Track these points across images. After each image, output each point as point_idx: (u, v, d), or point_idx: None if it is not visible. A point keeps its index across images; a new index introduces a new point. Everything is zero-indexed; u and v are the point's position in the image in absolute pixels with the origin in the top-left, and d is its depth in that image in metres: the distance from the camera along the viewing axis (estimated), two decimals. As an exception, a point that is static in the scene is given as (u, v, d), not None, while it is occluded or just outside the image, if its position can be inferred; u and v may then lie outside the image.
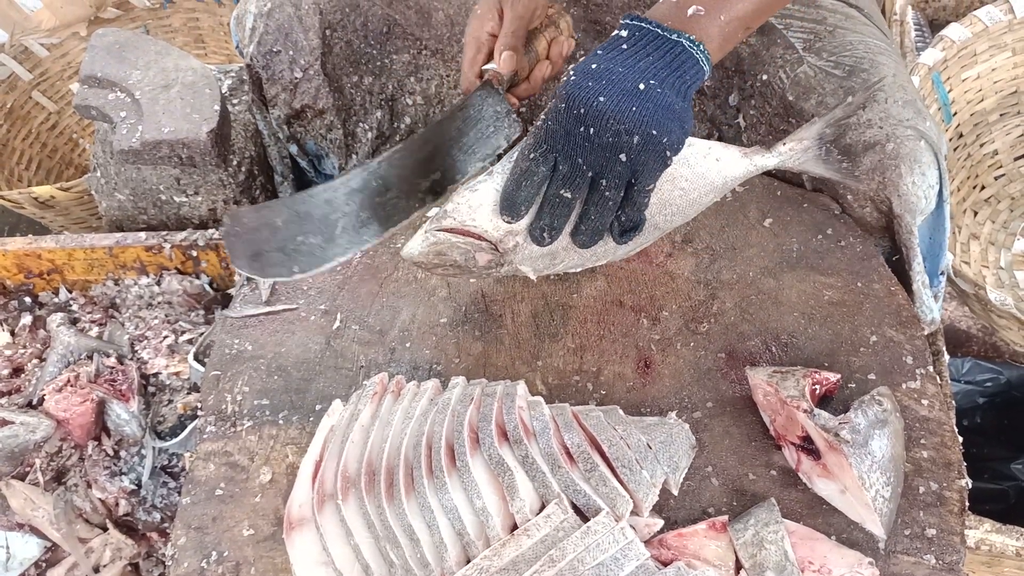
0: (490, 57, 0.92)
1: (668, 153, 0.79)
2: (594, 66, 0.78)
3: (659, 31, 0.80)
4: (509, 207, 0.80)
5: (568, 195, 0.79)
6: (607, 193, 0.79)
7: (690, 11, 0.80)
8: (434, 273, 0.89)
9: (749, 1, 0.82)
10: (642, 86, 0.77)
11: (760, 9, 0.83)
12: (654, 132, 0.77)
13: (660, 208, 0.86)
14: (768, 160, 0.90)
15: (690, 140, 0.85)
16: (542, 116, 0.80)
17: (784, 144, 0.90)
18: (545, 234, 0.81)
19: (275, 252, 0.81)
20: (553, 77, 0.98)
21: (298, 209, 0.81)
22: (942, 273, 1.07)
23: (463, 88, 0.94)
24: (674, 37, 0.79)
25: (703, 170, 0.87)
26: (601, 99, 0.76)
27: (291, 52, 1.20)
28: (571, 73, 0.79)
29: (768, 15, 0.86)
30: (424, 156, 0.87)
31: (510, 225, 0.81)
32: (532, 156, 0.79)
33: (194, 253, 1.23)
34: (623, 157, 0.77)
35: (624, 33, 0.80)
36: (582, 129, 0.77)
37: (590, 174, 0.78)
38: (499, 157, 0.88)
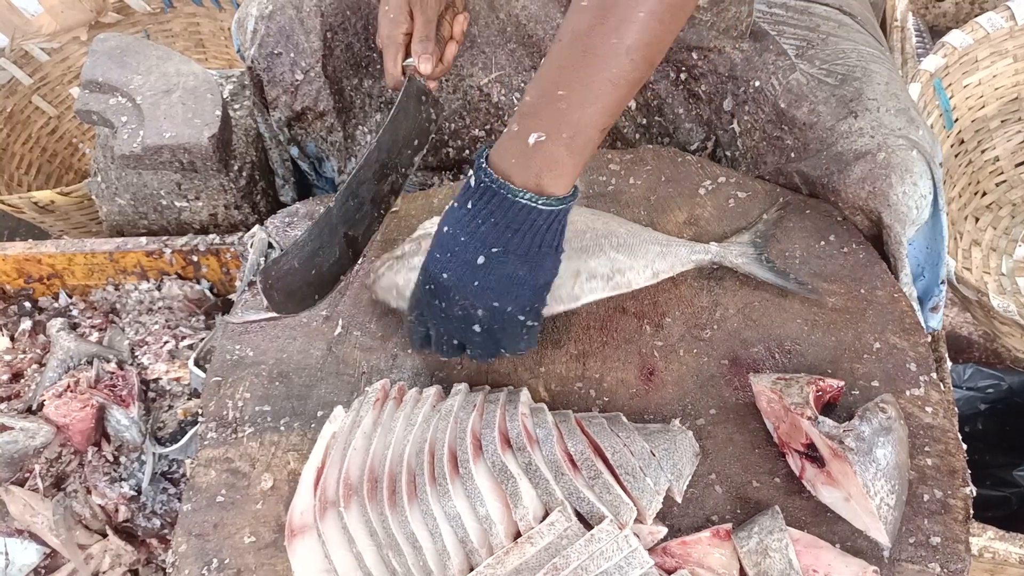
0: (408, 53, 0.98)
1: (521, 318, 0.82)
2: (445, 229, 0.80)
3: (499, 189, 0.76)
4: (413, 345, 0.90)
5: (447, 350, 0.87)
6: (478, 351, 0.85)
7: (531, 139, 0.75)
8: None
9: (591, 108, 0.75)
10: (481, 259, 0.78)
11: (606, 112, 0.76)
12: (496, 304, 0.80)
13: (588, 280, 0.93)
14: (703, 256, 0.98)
15: (637, 231, 0.96)
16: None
17: (718, 245, 0.99)
18: (443, 357, 0.89)
19: (304, 287, 0.93)
20: (458, 53, 1.04)
21: (308, 247, 0.92)
22: (942, 282, 1.07)
23: (391, 85, 0.99)
24: (512, 197, 0.76)
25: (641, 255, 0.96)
26: (444, 276, 0.80)
27: (292, 54, 1.20)
28: (434, 234, 0.83)
29: (621, 107, 0.78)
30: (381, 163, 0.96)
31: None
32: (410, 319, 0.88)
33: (195, 258, 1.22)
34: (476, 328, 0.82)
35: (472, 183, 0.78)
36: (436, 302, 0.82)
37: (455, 341, 0.85)
38: (427, 140, 1.01)
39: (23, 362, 1.18)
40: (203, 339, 1.17)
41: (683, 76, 1.17)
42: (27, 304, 1.26)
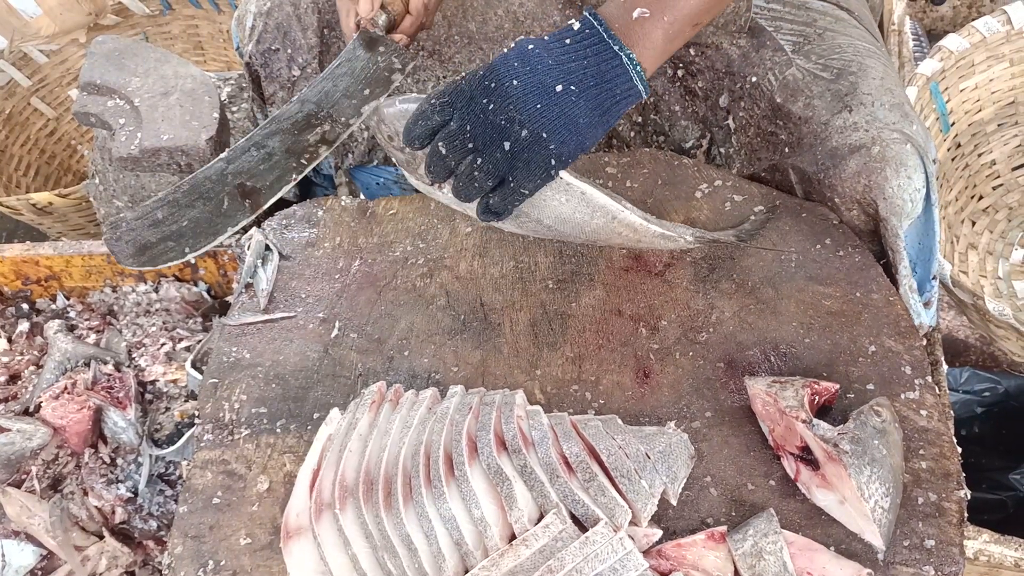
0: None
1: (553, 162, 0.80)
2: (530, 47, 0.80)
3: (606, 37, 0.79)
4: (406, 137, 0.83)
5: (443, 151, 0.81)
6: (476, 173, 0.81)
7: (635, 13, 0.80)
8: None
9: (695, 2, 0.81)
10: (559, 88, 0.78)
11: (705, 7, 0.82)
12: (544, 135, 0.78)
13: (556, 219, 0.91)
14: (688, 235, 0.97)
15: (624, 207, 0.93)
16: (466, 73, 0.83)
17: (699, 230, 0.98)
18: (428, 173, 0.84)
19: (163, 242, 0.89)
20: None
21: (176, 199, 0.89)
22: (934, 278, 1.07)
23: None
24: (616, 48, 0.79)
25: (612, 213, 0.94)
26: (515, 82, 0.78)
27: (289, 50, 1.21)
28: (511, 46, 0.81)
29: (717, 11, 0.85)
30: (305, 114, 0.95)
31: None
32: (434, 102, 0.82)
33: (192, 260, 1.22)
34: (507, 145, 0.79)
35: (576, 26, 0.81)
36: (484, 100, 0.79)
37: (470, 144, 0.80)
38: (387, 88, 0.98)
39: (20, 364, 1.18)
40: (200, 341, 1.17)
41: (680, 73, 1.17)
42: (25, 306, 1.27)
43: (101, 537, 1.06)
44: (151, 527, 1.08)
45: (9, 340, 1.22)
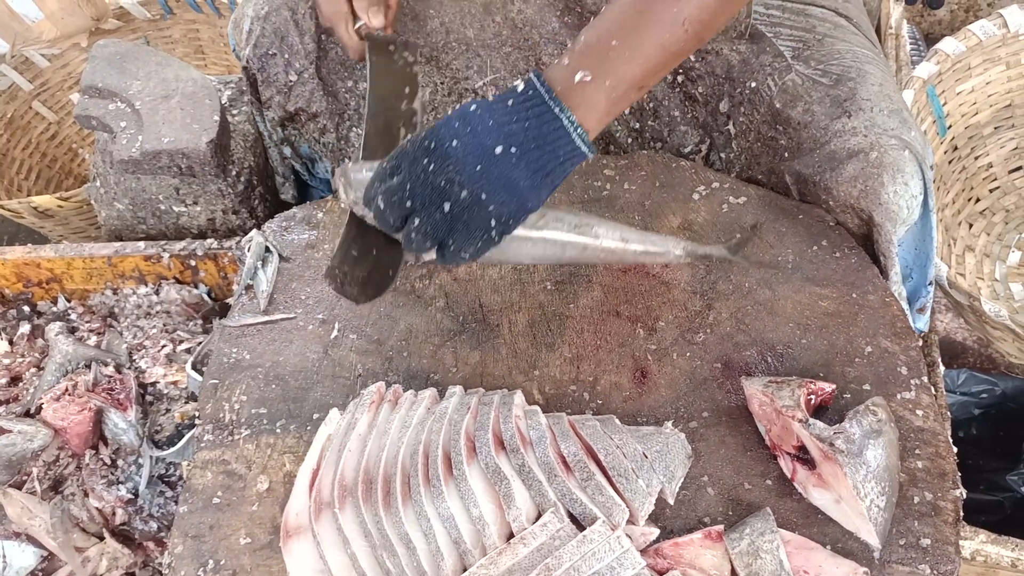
0: (355, 17, 1.02)
1: (493, 223, 0.79)
2: (473, 108, 0.80)
3: (548, 99, 0.79)
4: (364, 198, 0.84)
5: (382, 206, 0.81)
6: (413, 235, 0.80)
7: (577, 77, 0.79)
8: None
9: (637, 64, 0.80)
10: (499, 150, 0.78)
11: (650, 71, 0.81)
12: (483, 196, 0.78)
13: (532, 257, 0.90)
14: (676, 248, 0.93)
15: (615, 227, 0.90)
16: (410, 136, 0.84)
17: (691, 243, 0.94)
18: (385, 217, 0.83)
19: (372, 273, 0.89)
20: None
21: (351, 236, 0.89)
22: (930, 283, 1.08)
23: (354, 56, 1.02)
24: (556, 111, 0.79)
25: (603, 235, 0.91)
26: (455, 143, 0.78)
27: (286, 55, 1.21)
28: (455, 108, 0.81)
29: (663, 72, 0.84)
30: (380, 126, 0.97)
31: None
32: (384, 165, 0.83)
33: (192, 263, 1.23)
34: (446, 206, 0.79)
35: (520, 87, 0.81)
36: (425, 161, 0.79)
37: (408, 203, 0.80)
38: (417, 82, 1.01)
39: (21, 365, 1.18)
40: (200, 343, 1.18)
41: (680, 78, 1.18)
42: (26, 308, 1.27)
43: (101, 538, 1.06)
44: (151, 528, 1.09)
45: (10, 342, 1.22)
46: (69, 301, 1.28)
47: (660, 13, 0.79)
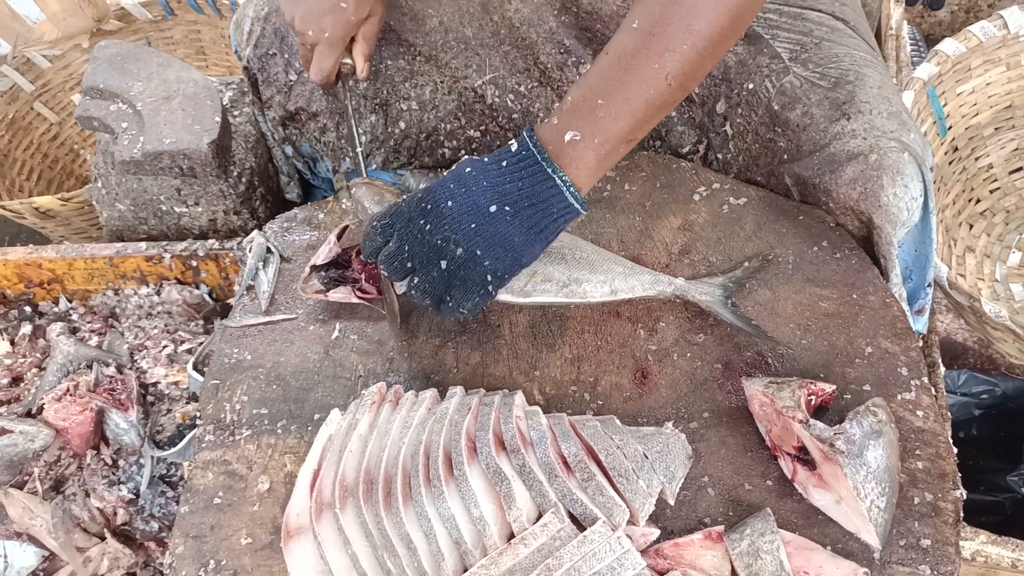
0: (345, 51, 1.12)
1: (489, 278, 0.83)
2: (468, 169, 0.83)
3: (540, 159, 0.81)
4: (363, 252, 0.89)
5: (385, 272, 0.86)
6: (424, 285, 0.84)
7: (567, 137, 0.82)
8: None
9: (624, 121, 0.82)
10: (493, 208, 0.81)
11: (637, 126, 0.83)
12: (478, 252, 0.81)
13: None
14: (666, 288, 0.97)
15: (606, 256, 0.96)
16: (405, 196, 0.88)
17: (684, 280, 0.98)
18: (387, 275, 0.88)
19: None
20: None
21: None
22: (929, 285, 1.08)
23: (320, 82, 1.13)
24: (549, 171, 0.81)
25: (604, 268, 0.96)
26: (450, 203, 0.81)
27: (286, 55, 1.22)
28: (451, 168, 0.84)
29: (651, 124, 0.85)
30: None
31: None
32: (375, 224, 0.87)
33: (194, 263, 1.23)
34: (443, 264, 0.82)
35: (514, 147, 0.83)
36: (421, 222, 0.83)
37: (408, 264, 0.84)
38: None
39: (23, 366, 1.19)
40: (202, 343, 1.18)
41: None
42: (27, 308, 1.27)
43: (103, 538, 1.06)
44: (152, 528, 1.09)
45: (12, 342, 1.22)
46: (71, 301, 1.28)
47: (643, 70, 0.81)
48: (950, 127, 1.62)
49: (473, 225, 0.81)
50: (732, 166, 1.17)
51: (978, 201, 1.69)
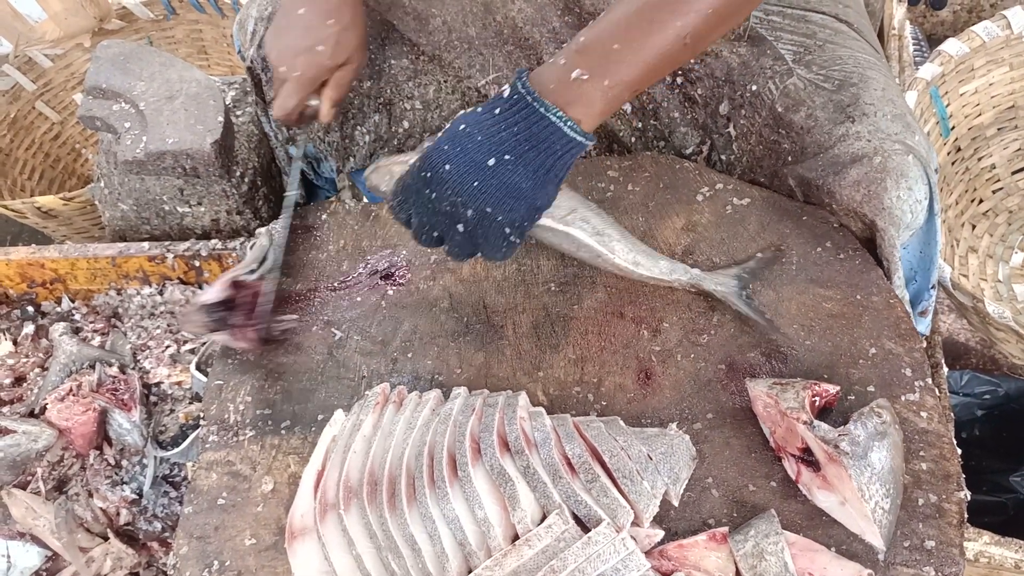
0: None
1: (508, 231, 0.82)
2: (461, 127, 0.82)
3: (531, 100, 0.81)
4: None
5: (424, 239, 0.86)
6: (455, 249, 0.85)
7: (573, 74, 0.81)
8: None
9: (636, 69, 0.82)
10: (491, 161, 0.80)
11: (644, 77, 0.83)
12: (488, 210, 0.80)
13: (550, 244, 0.96)
14: (682, 276, 0.98)
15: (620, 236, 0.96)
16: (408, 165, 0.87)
17: (700, 270, 0.99)
18: (422, 245, 0.88)
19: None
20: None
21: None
22: (933, 287, 1.07)
23: (284, 119, 1.10)
24: (543, 110, 0.80)
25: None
26: (447, 167, 0.80)
27: None
28: (444, 129, 0.83)
29: (657, 78, 0.86)
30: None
31: None
32: (392, 204, 0.87)
33: (197, 263, 1.23)
34: (460, 227, 0.82)
35: (506, 93, 0.82)
36: (427, 192, 0.82)
37: (435, 234, 0.85)
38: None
39: (26, 366, 1.19)
40: (205, 343, 1.18)
41: (679, 80, 1.18)
42: (30, 308, 1.27)
43: (106, 538, 1.06)
44: (155, 528, 1.09)
45: (14, 342, 1.22)
46: (73, 301, 1.28)
47: (665, 24, 0.81)
48: (953, 127, 1.62)
49: (476, 183, 0.80)
50: (736, 167, 1.17)
51: (981, 201, 1.69)
